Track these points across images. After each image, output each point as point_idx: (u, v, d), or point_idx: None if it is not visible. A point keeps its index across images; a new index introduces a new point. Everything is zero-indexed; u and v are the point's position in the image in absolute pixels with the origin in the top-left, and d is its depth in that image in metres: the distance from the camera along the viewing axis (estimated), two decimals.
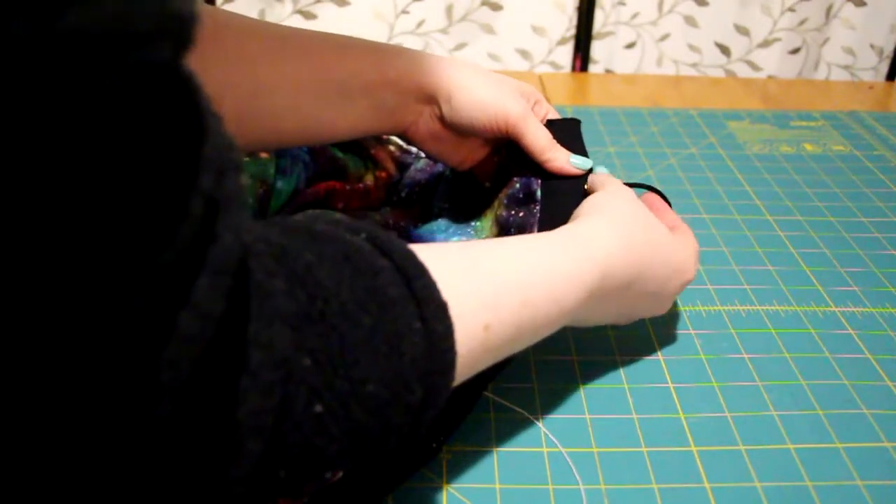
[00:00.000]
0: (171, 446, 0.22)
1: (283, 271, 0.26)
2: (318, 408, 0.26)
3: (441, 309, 0.30)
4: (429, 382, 0.30)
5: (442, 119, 0.50)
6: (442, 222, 0.53)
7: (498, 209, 0.50)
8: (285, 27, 0.48)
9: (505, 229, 0.49)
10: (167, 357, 0.20)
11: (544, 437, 0.43)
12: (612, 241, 0.41)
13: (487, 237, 0.50)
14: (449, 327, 0.30)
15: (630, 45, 1.03)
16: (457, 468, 0.41)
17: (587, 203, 0.45)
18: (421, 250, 0.32)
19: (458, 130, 0.50)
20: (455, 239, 0.51)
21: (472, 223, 0.52)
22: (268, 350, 0.24)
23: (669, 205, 0.51)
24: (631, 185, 0.49)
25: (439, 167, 0.59)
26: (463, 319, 0.32)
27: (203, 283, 0.21)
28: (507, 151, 0.53)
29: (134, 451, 0.21)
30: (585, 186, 0.49)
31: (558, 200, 0.48)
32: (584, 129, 0.52)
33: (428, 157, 0.59)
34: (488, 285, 0.35)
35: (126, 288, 0.19)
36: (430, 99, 0.49)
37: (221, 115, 0.22)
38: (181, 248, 0.20)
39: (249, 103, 0.45)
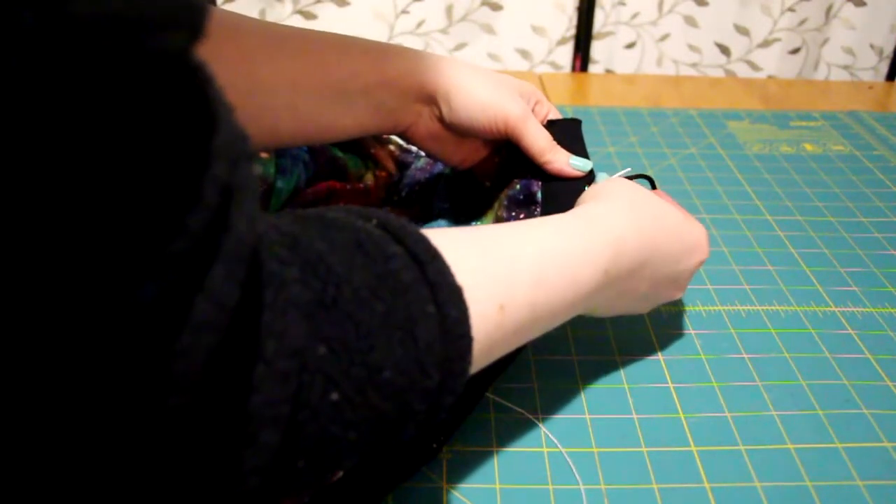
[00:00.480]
0: (188, 437, 0.22)
1: (295, 260, 0.26)
2: (335, 396, 0.26)
3: (455, 293, 0.30)
4: (446, 368, 0.29)
5: (441, 119, 0.50)
6: (442, 222, 0.53)
7: (498, 210, 0.50)
8: (284, 26, 0.48)
9: None
10: (182, 346, 0.20)
11: (544, 437, 0.43)
12: (622, 220, 0.41)
13: None
14: (464, 311, 0.30)
15: (630, 45, 1.03)
16: (457, 468, 0.41)
17: (591, 190, 0.45)
18: (433, 235, 0.32)
19: (458, 131, 0.50)
20: None
21: (473, 223, 0.52)
22: (282, 339, 0.24)
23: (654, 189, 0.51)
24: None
25: (439, 166, 0.59)
26: (477, 301, 0.32)
27: (218, 271, 0.21)
28: (507, 151, 0.53)
29: (149, 442, 0.21)
30: (587, 188, 0.49)
31: (559, 202, 0.48)
32: (584, 129, 0.52)
33: (428, 156, 0.59)
34: (501, 265, 0.34)
35: (140, 275, 0.19)
36: (430, 99, 0.49)
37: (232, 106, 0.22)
38: (196, 237, 0.20)
39: (248, 102, 0.45)
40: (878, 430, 0.44)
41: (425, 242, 0.31)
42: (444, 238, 0.32)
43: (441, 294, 0.30)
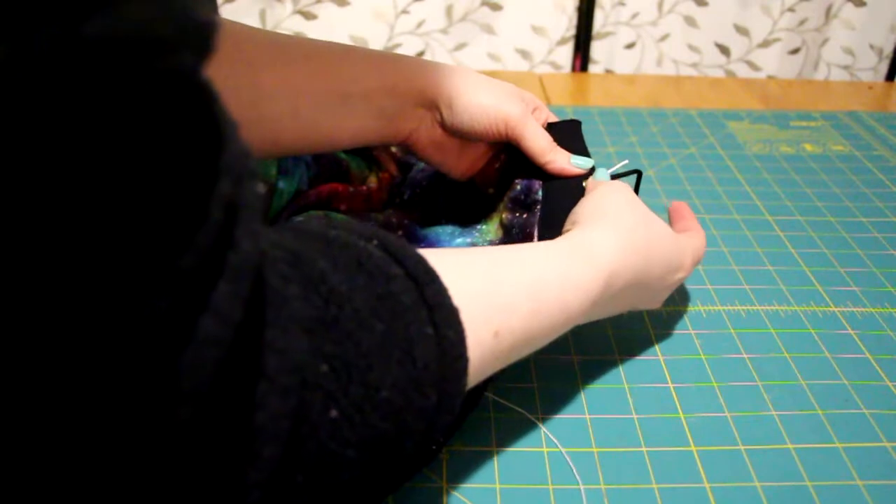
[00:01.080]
0: (191, 450, 0.23)
1: (297, 277, 0.26)
2: (334, 413, 0.26)
3: (452, 315, 0.31)
4: (442, 388, 0.30)
5: (443, 124, 0.50)
6: (448, 227, 0.53)
7: (503, 212, 0.50)
8: (284, 35, 0.49)
9: (508, 231, 0.49)
10: (188, 361, 0.20)
11: (544, 437, 0.44)
12: (616, 249, 0.41)
13: (493, 240, 0.50)
14: (460, 333, 0.31)
15: (630, 46, 1.03)
16: (457, 468, 0.41)
17: (588, 205, 0.45)
18: (432, 256, 0.32)
19: (459, 135, 0.50)
20: (460, 241, 0.51)
21: (478, 226, 0.52)
22: (284, 355, 0.24)
23: (637, 189, 0.51)
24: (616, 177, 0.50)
25: None
26: (474, 325, 0.32)
27: (223, 288, 0.21)
28: (507, 156, 0.53)
29: (154, 455, 0.21)
30: (584, 184, 0.49)
31: (559, 200, 0.48)
32: (584, 129, 0.52)
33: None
34: (499, 293, 0.35)
35: (148, 292, 0.19)
36: (431, 104, 0.49)
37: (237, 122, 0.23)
38: (202, 253, 0.20)
39: (249, 110, 0.45)
40: (878, 430, 0.44)
41: (424, 264, 0.31)
42: (443, 260, 0.32)
43: (439, 316, 0.30)
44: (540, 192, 0.49)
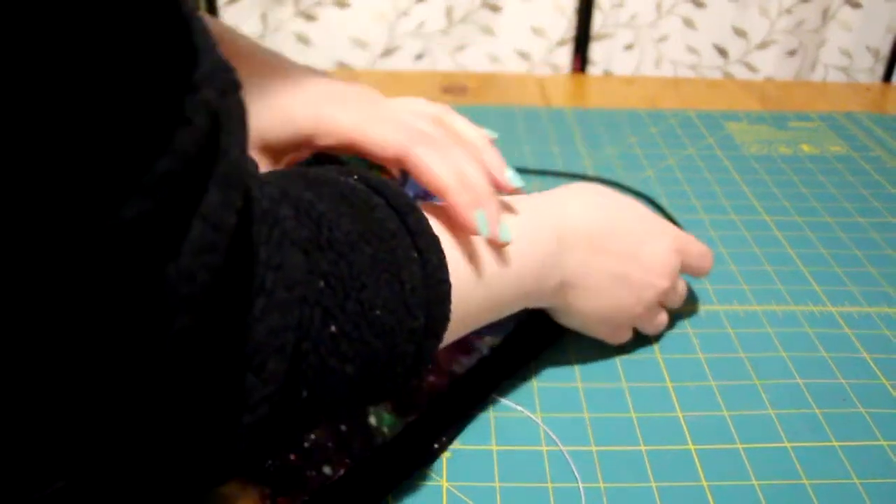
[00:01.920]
0: (197, 365, 0.23)
1: (287, 202, 0.27)
2: (333, 328, 0.27)
3: (434, 241, 0.32)
4: (428, 311, 0.31)
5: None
6: None
7: None
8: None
9: None
10: (183, 267, 0.20)
11: (544, 436, 0.44)
12: (566, 193, 0.44)
13: None
14: (442, 259, 0.32)
15: (629, 47, 1.04)
16: (456, 466, 0.42)
17: None
18: None
19: None
20: None
21: None
22: (280, 271, 0.25)
23: (659, 208, 0.51)
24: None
25: None
26: (449, 253, 0.34)
27: (213, 194, 0.21)
28: None
29: (158, 369, 0.21)
30: None
31: None
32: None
33: None
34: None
35: (123, 192, 0.18)
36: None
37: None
38: (187, 157, 0.20)
39: None
40: (875, 429, 0.45)
41: (405, 196, 0.33)
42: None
43: (422, 242, 0.32)
44: None
